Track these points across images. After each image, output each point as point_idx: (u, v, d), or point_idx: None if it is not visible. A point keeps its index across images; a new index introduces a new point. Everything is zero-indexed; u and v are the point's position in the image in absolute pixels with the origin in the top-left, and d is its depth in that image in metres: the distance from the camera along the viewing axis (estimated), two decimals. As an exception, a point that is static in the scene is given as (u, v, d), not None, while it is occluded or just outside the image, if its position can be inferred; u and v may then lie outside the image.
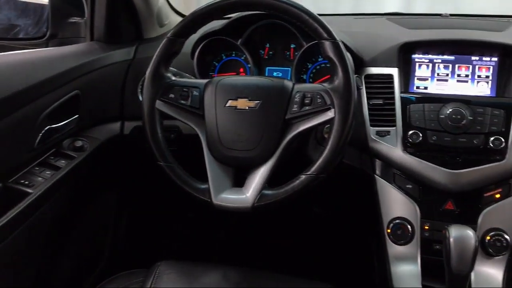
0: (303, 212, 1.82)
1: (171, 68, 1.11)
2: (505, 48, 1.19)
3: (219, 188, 1.03)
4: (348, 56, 1.02)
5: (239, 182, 1.06)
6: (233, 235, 1.91)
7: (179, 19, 1.09)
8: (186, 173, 1.06)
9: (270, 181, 1.02)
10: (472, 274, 1.13)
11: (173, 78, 1.09)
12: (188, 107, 1.06)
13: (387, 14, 1.61)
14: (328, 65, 1.01)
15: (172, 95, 1.06)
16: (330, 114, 0.98)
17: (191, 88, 1.07)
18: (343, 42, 1.01)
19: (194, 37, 1.23)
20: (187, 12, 1.06)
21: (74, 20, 1.55)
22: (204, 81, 1.08)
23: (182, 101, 1.06)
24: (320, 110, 0.98)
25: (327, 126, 1.12)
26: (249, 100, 1.02)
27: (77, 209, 1.36)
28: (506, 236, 1.13)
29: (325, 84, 1.00)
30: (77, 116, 1.27)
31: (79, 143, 1.29)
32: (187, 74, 1.22)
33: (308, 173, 0.98)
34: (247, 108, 1.02)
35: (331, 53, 0.98)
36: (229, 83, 1.06)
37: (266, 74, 1.38)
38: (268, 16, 1.31)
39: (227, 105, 1.03)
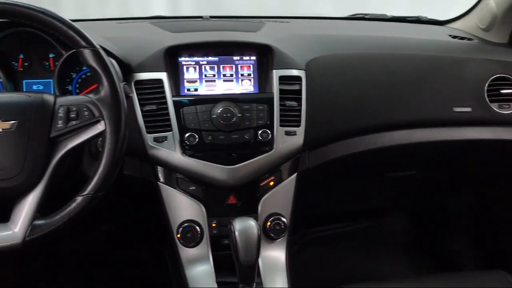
0: (90, 232, 1.71)
1: None
2: (260, 47, 1.29)
3: (-22, 228, 0.88)
4: (113, 63, 0.97)
5: (4, 216, 0.92)
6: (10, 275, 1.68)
7: None
8: None
9: (43, 209, 0.91)
10: (260, 261, 1.21)
11: None
12: None
13: (150, 18, 1.60)
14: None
15: None
16: (100, 127, 0.92)
17: None
18: (105, 49, 0.96)
19: None
20: None
21: None
22: None
23: None
24: (88, 123, 0.92)
25: (100, 139, 1.05)
26: (3, 121, 0.90)
27: None
28: (283, 219, 1.24)
29: (91, 95, 0.94)
30: None
31: None
32: None
33: (84, 193, 0.91)
34: (1, 130, 0.89)
35: (92, 62, 0.93)
36: None
37: (24, 89, 1.23)
38: (18, 23, 1.16)
39: None
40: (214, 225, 1.22)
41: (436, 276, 1.45)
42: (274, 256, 1.24)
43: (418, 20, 1.82)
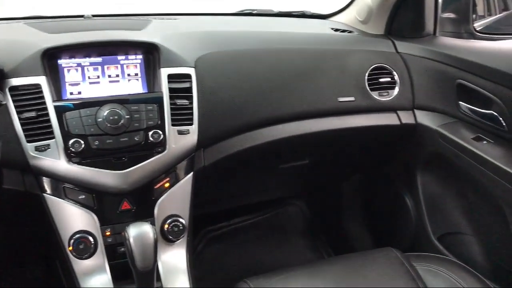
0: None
1: None
2: (146, 45, 1.25)
3: None
4: None
5: None
6: None
7: None
8: None
9: None
10: (160, 265, 1.18)
11: None
12: None
13: (25, 18, 1.49)
14: None
15: None
16: None
17: None
18: None
19: None
20: None
21: None
22: None
23: None
24: None
25: None
26: None
27: None
28: (182, 220, 1.22)
29: None
30: None
31: None
32: None
33: None
34: None
35: None
36: None
37: None
38: None
39: None
40: (108, 233, 1.17)
41: (332, 259, 1.52)
42: (174, 258, 1.22)
43: (303, 15, 1.88)
